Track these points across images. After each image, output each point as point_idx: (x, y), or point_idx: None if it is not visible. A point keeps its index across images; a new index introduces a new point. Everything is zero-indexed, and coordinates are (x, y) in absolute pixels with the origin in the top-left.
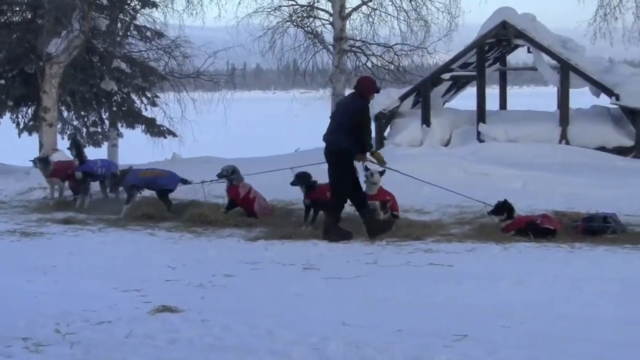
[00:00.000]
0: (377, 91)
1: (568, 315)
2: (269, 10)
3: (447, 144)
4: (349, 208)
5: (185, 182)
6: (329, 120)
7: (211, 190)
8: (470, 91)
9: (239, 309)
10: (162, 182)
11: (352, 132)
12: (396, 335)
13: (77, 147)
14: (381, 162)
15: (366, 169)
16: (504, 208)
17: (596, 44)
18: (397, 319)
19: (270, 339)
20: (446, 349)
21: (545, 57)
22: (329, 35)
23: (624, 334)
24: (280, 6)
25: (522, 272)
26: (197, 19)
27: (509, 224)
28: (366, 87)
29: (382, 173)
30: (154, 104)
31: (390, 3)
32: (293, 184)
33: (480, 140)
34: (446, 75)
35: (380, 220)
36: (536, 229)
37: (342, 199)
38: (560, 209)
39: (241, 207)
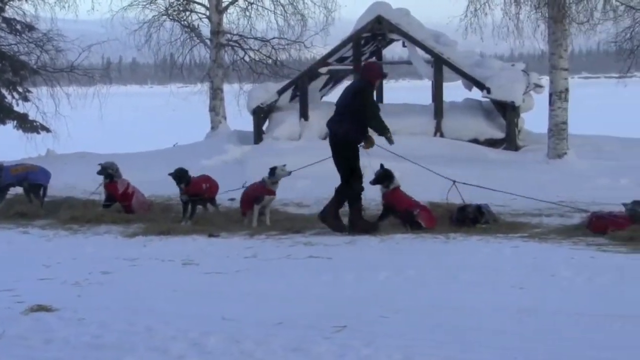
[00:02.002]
0: (384, 76)
1: (444, 305)
2: (145, 3)
3: (325, 137)
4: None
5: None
6: (209, 115)
7: (87, 186)
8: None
9: (117, 307)
10: (33, 177)
11: (353, 116)
12: (276, 328)
13: None
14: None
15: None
16: (385, 177)
17: (468, 39)
18: (277, 312)
19: (149, 335)
20: (326, 340)
21: (420, 51)
22: (206, 29)
23: (497, 322)
24: None
25: (399, 262)
26: (69, 12)
27: (393, 197)
28: (372, 73)
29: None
30: (25, 99)
31: None
32: (171, 175)
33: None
34: (323, 69)
35: (367, 221)
36: (412, 221)
37: (359, 187)
38: (435, 200)
39: (119, 203)
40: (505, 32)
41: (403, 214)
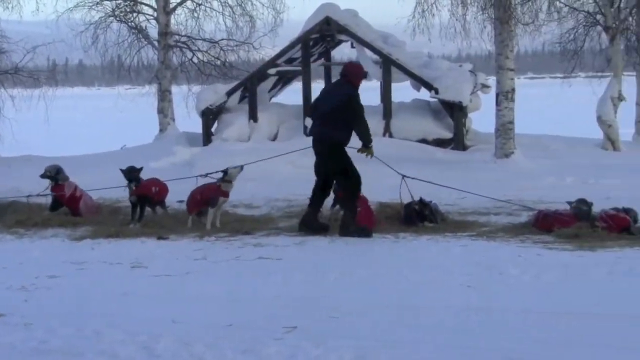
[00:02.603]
0: (365, 76)
1: (394, 304)
2: (91, 4)
3: (274, 139)
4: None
5: None
6: (157, 117)
7: (32, 189)
8: (297, 86)
9: (65, 311)
10: None
11: (337, 122)
12: (226, 330)
13: None
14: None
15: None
16: None
17: (416, 40)
18: (227, 314)
19: (97, 339)
20: (276, 341)
21: (368, 52)
22: (153, 31)
23: (446, 320)
24: (102, 0)
25: (349, 263)
26: (13, 13)
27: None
28: (353, 73)
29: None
30: None
31: None
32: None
33: (307, 135)
34: (272, 71)
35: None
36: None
37: (356, 188)
38: (384, 200)
39: (66, 207)
40: (453, 33)
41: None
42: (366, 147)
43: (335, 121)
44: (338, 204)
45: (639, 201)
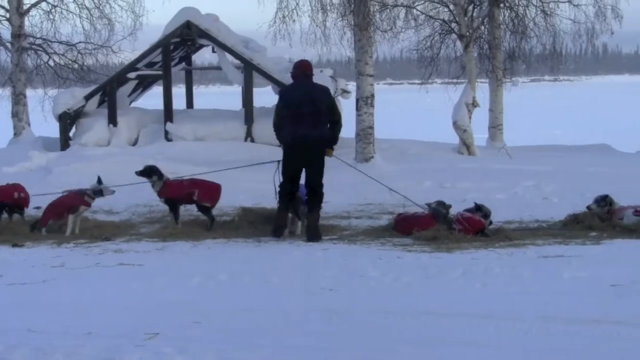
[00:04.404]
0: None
1: (257, 308)
2: None
3: (134, 144)
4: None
5: None
6: (11, 121)
7: None
8: (157, 90)
9: None
10: None
11: (325, 121)
12: (86, 338)
13: None
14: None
15: None
16: (150, 171)
17: (277, 45)
18: (86, 321)
19: None
20: (138, 348)
21: (230, 57)
22: (6, 32)
23: (308, 323)
24: None
25: (212, 267)
26: None
27: (169, 190)
28: (310, 68)
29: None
30: None
31: (72, 0)
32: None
33: (168, 139)
34: (132, 75)
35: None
36: (197, 205)
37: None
38: (247, 205)
39: None
40: (313, 39)
41: (185, 200)
42: (332, 147)
43: (321, 122)
44: (308, 208)
45: (491, 204)
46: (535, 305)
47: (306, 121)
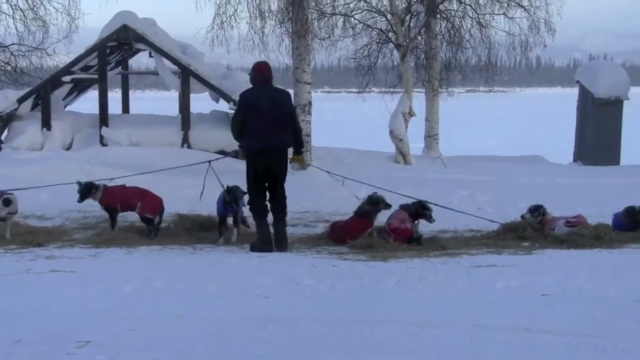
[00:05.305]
0: None
1: (191, 315)
2: None
3: (69, 148)
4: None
5: None
6: None
7: None
8: (92, 94)
9: None
10: None
11: (288, 128)
12: (15, 346)
13: None
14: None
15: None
16: (89, 187)
17: (214, 51)
18: (16, 329)
19: None
20: (69, 356)
21: (167, 62)
22: None
23: (243, 330)
24: None
25: (146, 274)
26: None
27: (109, 197)
28: (270, 72)
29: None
30: None
31: (5, 1)
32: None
33: (103, 144)
34: (67, 78)
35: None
36: (141, 217)
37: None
38: (183, 212)
39: None
40: (251, 46)
41: (126, 209)
42: (300, 153)
43: (287, 127)
44: (274, 219)
45: None
46: (468, 313)
47: (272, 126)
